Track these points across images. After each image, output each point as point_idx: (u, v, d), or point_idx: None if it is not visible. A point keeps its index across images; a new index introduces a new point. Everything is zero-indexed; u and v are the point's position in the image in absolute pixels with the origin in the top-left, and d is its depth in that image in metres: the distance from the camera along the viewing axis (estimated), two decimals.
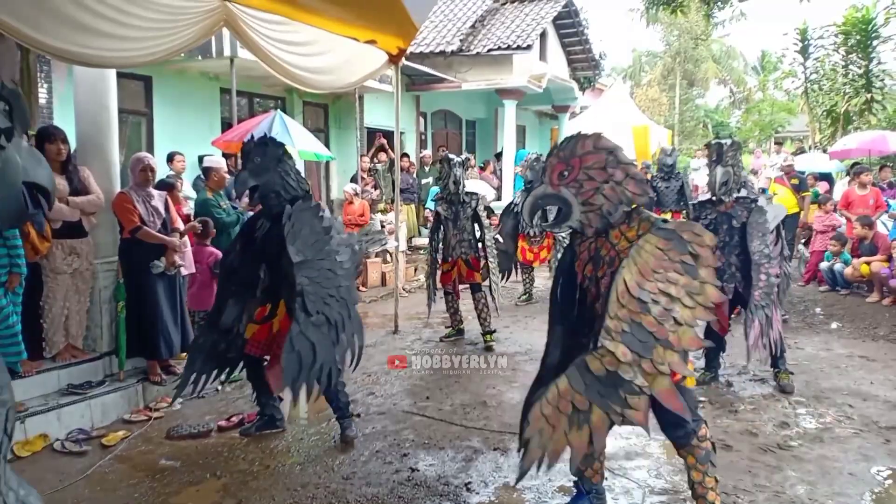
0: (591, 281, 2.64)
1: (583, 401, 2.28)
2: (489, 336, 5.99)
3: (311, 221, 3.56)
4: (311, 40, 5.24)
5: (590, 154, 2.51)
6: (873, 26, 18.96)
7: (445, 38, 13.95)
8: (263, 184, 3.64)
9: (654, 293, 2.29)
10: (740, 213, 4.61)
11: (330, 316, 3.49)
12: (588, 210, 2.52)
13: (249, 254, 3.85)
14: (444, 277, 6.07)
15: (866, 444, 3.88)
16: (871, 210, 8.59)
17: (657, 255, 2.33)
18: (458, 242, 5.93)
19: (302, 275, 3.43)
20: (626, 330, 2.27)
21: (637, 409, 2.27)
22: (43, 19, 3.43)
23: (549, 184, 2.57)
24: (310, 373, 3.42)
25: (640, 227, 2.50)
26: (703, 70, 35.69)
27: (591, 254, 2.62)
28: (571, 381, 2.30)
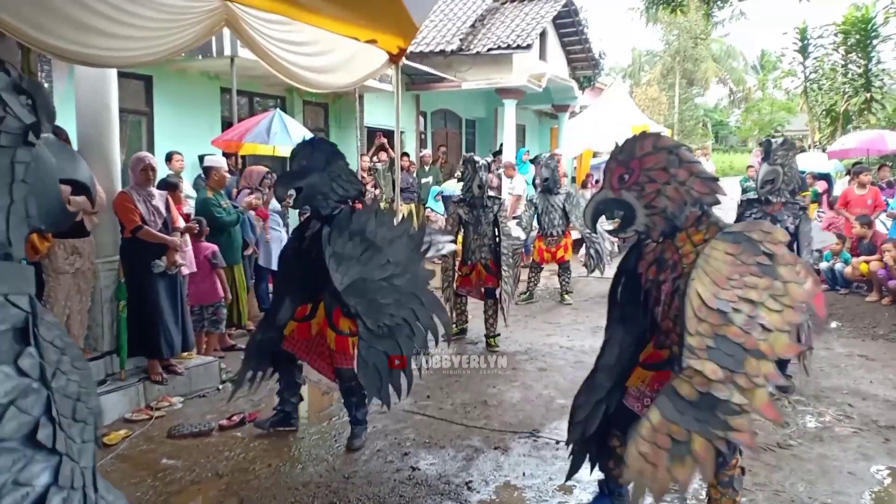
0: (652, 284, 2.57)
1: (681, 431, 2.10)
2: (493, 340, 5.97)
3: (353, 235, 3.49)
4: (311, 40, 5.24)
5: (649, 155, 2.42)
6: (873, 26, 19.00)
7: (445, 38, 13.95)
8: (307, 185, 3.61)
9: (733, 301, 2.14)
10: (786, 218, 4.50)
11: (393, 322, 3.52)
12: (652, 213, 2.42)
13: (302, 254, 3.81)
14: (464, 281, 6.03)
15: (866, 443, 3.89)
16: (869, 209, 8.61)
17: (728, 261, 2.19)
18: (479, 247, 5.91)
19: (353, 298, 3.44)
20: (712, 345, 2.12)
21: (741, 430, 2.09)
22: (44, 18, 3.42)
23: (610, 188, 2.49)
24: (391, 377, 3.52)
25: (709, 231, 2.38)
26: (702, 69, 35.75)
27: (656, 255, 2.54)
28: (664, 411, 2.14)
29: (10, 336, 1.35)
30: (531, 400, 4.66)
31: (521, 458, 3.70)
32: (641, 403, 2.66)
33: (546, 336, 6.44)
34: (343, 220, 3.56)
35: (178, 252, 4.77)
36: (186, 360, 4.95)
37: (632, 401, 2.70)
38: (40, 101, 1.50)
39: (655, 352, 2.70)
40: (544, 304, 7.96)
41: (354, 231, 3.52)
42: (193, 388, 4.82)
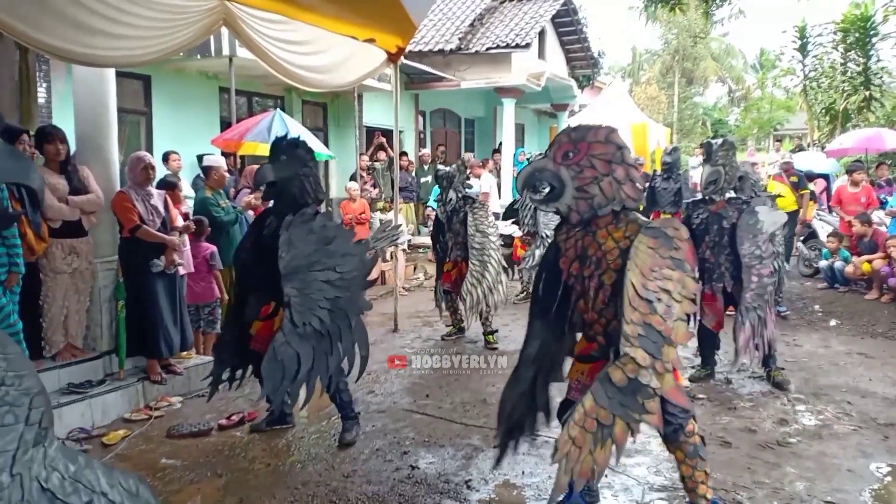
0: (576, 279, 2.66)
1: (607, 415, 2.26)
2: (491, 336, 5.97)
3: (310, 232, 3.53)
4: (309, 39, 5.24)
5: (599, 143, 2.51)
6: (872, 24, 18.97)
7: (444, 37, 13.95)
8: (281, 181, 3.63)
9: (656, 291, 2.31)
10: (731, 214, 4.62)
11: (321, 327, 3.47)
12: (580, 197, 2.52)
13: (260, 250, 3.81)
14: (445, 277, 6.07)
15: (865, 441, 3.89)
16: (862, 207, 8.62)
17: (650, 254, 2.36)
18: (454, 245, 5.95)
19: (290, 286, 3.42)
20: (641, 333, 2.28)
21: (653, 413, 2.27)
22: (42, 18, 3.43)
23: (552, 159, 2.56)
24: (293, 382, 3.41)
25: (629, 228, 2.52)
26: (701, 68, 35.73)
27: (578, 252, 2.63)
28: (596, 396, 2.28)
29: None
30: None
31: (520, 457, 3.69)
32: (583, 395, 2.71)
33: None
34: (308, 215, 3.59)
35: (177, 251, 4.76)
36: (185, 360, 4.96)
37: (575, 394, 2.76)
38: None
39: (587, 345, 2.79)
40: None
41: (313, 229, 3.55)
42: (192, 387, 4.82)
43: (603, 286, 2.57)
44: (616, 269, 2.51)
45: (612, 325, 2.63)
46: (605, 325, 2.65)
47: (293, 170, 3.65)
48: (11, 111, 5.40)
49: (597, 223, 2.57)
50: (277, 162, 3.64)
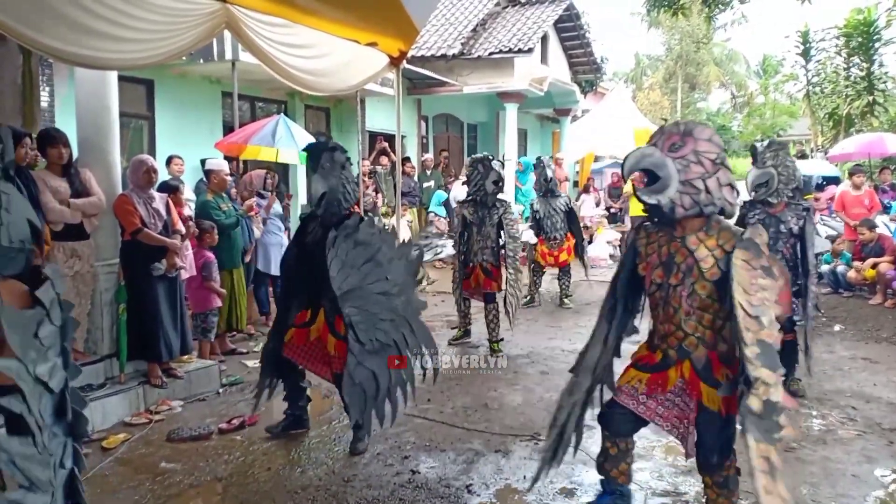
0: (660, 287, 2.57)
1: (766, 449, 2.15)
2: (496, 345, 5.88)
3: (358, 244, 3.47)
4: (312, 43, 5.24)
5: (706, 141, 2.43)
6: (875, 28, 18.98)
7: (447, 42, 13.96)
8: (329, 189, 3.58)
9: (760, 305, 2.23)
10: (790, 219, 4.47)
11: (385, 340, 3.45)
12: (685, 191, 2.40)
13: (303, 257, 3.78)
14: (464, 284, 5.93)
15: (869, 446, 3.86)
16: (866, 210, 8.60)
17: (747, 268, 2.27)
18: (481, 249, 5.79)
19: (349, 305, 3.38)
20: (759, 351, 2.19)
21: (786, 426, 2.17)
22: (44, 21, 3.42)
23: (661, 148, 2.45)
24: (376, 401, 3.42)
25: (721, 237, 2.43)
26: (704, 73, 35.76)
27: (663, 258, 2.54)
28: (754, 434, 2.15)
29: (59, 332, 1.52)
30: (532, 403, 4.64)
31: (521, 462, 3.68)
32: (636, 401, 2.68)
33: (548, 339, 6.42)
34: (351, 227, 3.52)
35: (178, 255, 4.75)
36: (186, 364, 4.94)
37: (625, 398, 2.70)
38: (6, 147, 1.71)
39: (649, 354, 2.72)
40: (546, 308, 7.93)
41: (360, 240, 3.49)
42: (193, 391, 4.80)
43: (693, 295, 2.47)
44: (710, 280, 2.42)
45: (688, 339, 2.54)
46: (681, 338, 2.56)
47: (336, 175, 3.60)
48: (14, 114, 5.41)
49: (685, 227, 2.47)
50: (322, 171, 3.57)
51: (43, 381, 1.40)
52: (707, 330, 2.51)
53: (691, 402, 2.58)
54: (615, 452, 2.83)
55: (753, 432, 2.15)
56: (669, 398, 2.62)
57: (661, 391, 2.63)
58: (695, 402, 2.56)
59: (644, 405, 2.66)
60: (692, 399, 2.57)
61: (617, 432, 2.81)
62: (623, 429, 2.79)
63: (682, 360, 2.58)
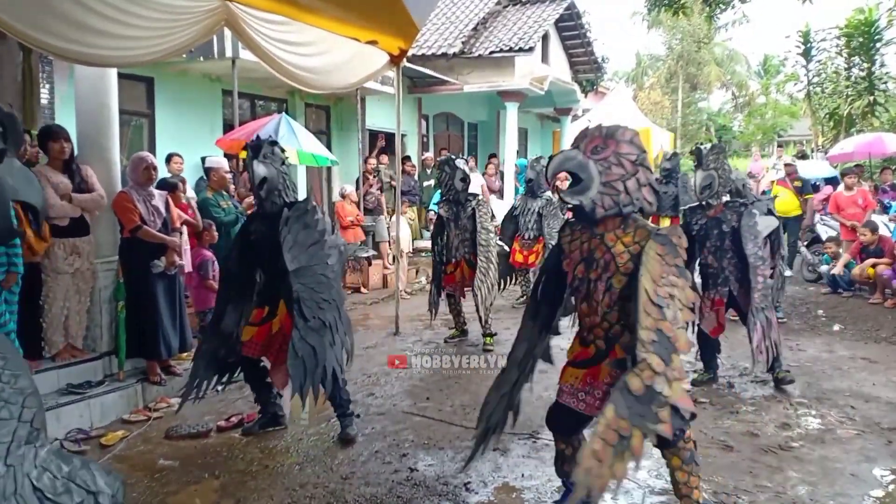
0: (581, 282, 2.65)
1: (627, 427, 2.17)
2: (489, 339, 5.96)
3: (307, 226, 3.62)
4: (312, 40, 5.24)
5: (627, 144, 2.50)
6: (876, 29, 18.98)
7: (447, 41, 13.95)
8: (270, 178, 3.69)
9: (665, 297, 2.29)
10: (730, 218, 4.61)
11: (325, 319, 3.56)
12: (606, 192, 2.48)
13: (246, 257, 3.88)
14: (448, 279, 6.03)
15: (868, 446, 3.86)
16: (861, 210, 8.60)
17: (659, 261, 2.35)
18: (461, 242, 5.91)
19: (298, 282, 3.51)
20: (655, 339, 2.25)
21: (665, 422, 2.18)
22: (44, 19, 3.43)
23: (583, 151, 2.53)
24: (314, 376, 3.49)
25: (637, 234, 2.51)
26: (705, 73, 35.69)
27: (584, 255, 2.62)
28: (617, 407, 2.19)
29: None
30: (530, 401, 4.57)
31: (520, 460, 3.68)
32: (576, 399, 2.73)
33: None
34: (302, 209, 3.67)
35: (177, 252, 4.76)
36: (185, 362, 4.94)
37: (566, 398, 2.76)
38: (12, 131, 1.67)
39: (582, 349, 2.78)
40: None
41: (308, 223, 3.64)
42: None
43: (611, 289, 2.56)
44: (626, 273, 2.50)
45: (613, 329, 2.62)
46: (607, 329, 2.64)
47: (276, 167, 3.72)
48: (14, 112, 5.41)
49: (605, 225, 2.55)
50: (263, 158, 3.69)
51: None
52: (629, 316, 2.56)
53: None
54: (570, 452, 2.86)
55: (618, 406, 2.19)
56: (605, 389, 2.66)
57: (596, 383, 2.69)
58: None
59: (584, 402, 2.71)
60: None
61: (564, 431, 2.87)
62: (568, 428, 2.85)
63: (611, 348, 2.65)
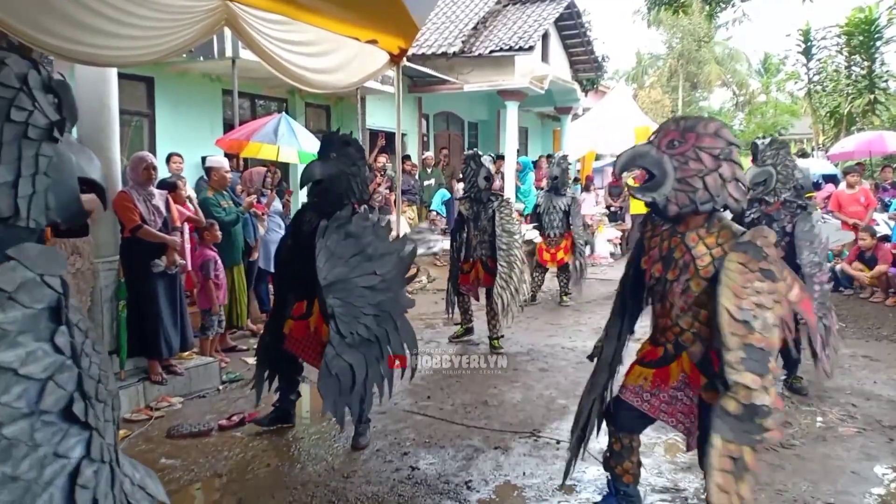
0: (658, 281, 2.56)
1: (737, 449, 2.17)
2: (496, 342, 5.90)
3: (350, 235, 3.47)
4: (312, 40, 5.23)
5: (709, 136, 2.39)
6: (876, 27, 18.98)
7: (447, 40, 13.94)
8: (328, 179, 3.58)
9: (751, 309, 2.21)
10: (783, 217, 4.44)
11: (368, 334, 3.43)
12: (681, 189, 2.38)
13: (298, 247, 3.77)
14: (463, 278, 5.97)
15: (869, 443, 3.86)
16: (862, 208, 8.58)
17: (742, 271, 2.25)
18: (479, 243, 5.83)
19: (332, 297, 3.38)
20: (744, 356, 2.18)
21: (772, 429, 2.18)
22: (44, 18, 3.42)
23: (657, 146, 2.44)
24: (350, 395, 3.40)
25: (721, 236, 2.40)
26: (705, 72, 35.67)
27: (663, 253, 2.52)
28: (723, 433, 2.18)
29: (45, 315, 1.42)
30: (532, 400, 4.64)
31: (521, 458, 3.68)
32: (640, 399, 2.68)
33: (548, 337, 6.42)
34: (343, 218, 3.51)
35: (178, 252, 4.76)
36: (186, 361, 4.94)
37: (630, 396, 2.71)
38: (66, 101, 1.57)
39: (652, 349, 2.71)
40: (546, 306, 7.94)
41: (351, 232, 3.49)
42: (193, 388, 4.81)
43: (687, 291, 2.46)
44: (706, 278, 2.40)
45: (684, 335, 2.54)
46: (678, 333, 2.56)
47: (340, 168, 3.59)
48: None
49: (687, 224, 2.46)
50: (326, 159, 3.58)
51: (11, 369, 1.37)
52: (703, 326, 2.49)
53: (695, 396, 2.58)
54: (619, 448, 2.84)
55: (722, 432, 2.18)
56: (673, 393, 2.62)
57: (664, 387, 2.63)
58: (697, 397, 2.56)
59: (648, 402, 2.67)
60: (695, 393, 2.57)
61: (622, 428, 2.82)
62: (628, 425, 2.80)
63: (679, 354, 2.58)
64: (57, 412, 1.39)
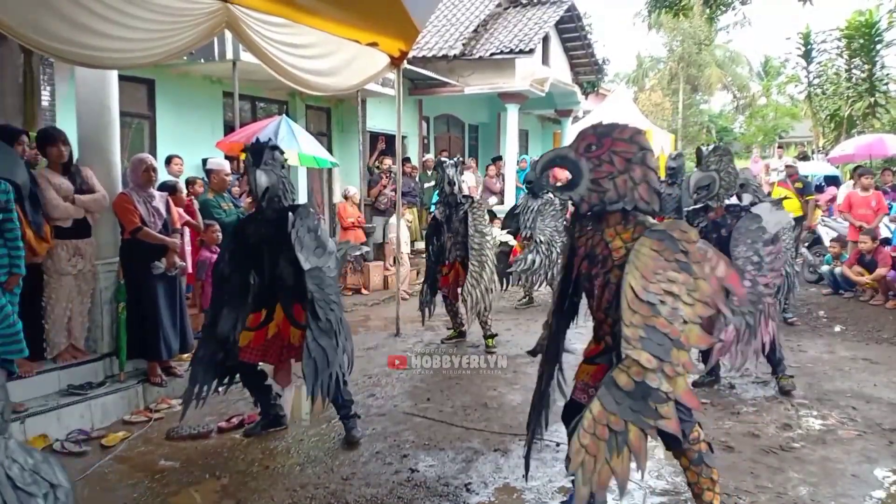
0: (585, 277, 2.65)
1: (618, 421, 2.19)
2: (490, 340, 5.96)
3: (310, 229, 3.64)
4: (312, 42, 5.25)
5: (622, 141, 2.49)
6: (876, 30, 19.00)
7: (448, 43, 13.96)
8: (272, 185, 3.69)
9: (659, 294, 2.26)
10: (730, 222, 4.45)
11: (333, 321, 3.58)
12: (593, 189, 2.50)
13: (239, 260, 3.87)
14: (443, 280, 6.05)
15: (869, 446, 3.85)
16: (872, 212, 8.56)
17: (653, 257, 2.31)
18: (454, 245, 5.91)
19: (312, 282, 3.52)
20: (644, 335, 2.23)
21: (668, 418, 2.19)
22: (45, 21, 3.44)
23: (575, 150, 2.56)
24: (325, 378, 3.52)
25: (636, 230, 2.49)
26: (706, 75, 35.66)
27: (587, 251, 2.62)
28: (604, 402, 2.21)
29: None
30: (530, 401, 4.62)
31: (520, 461, 3.65)
32: (587, 395, 2.73)
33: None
34: (304, 213, 3.68)
35: (178, 253, 4.76)
36: (185, 363, 4.94)
37: (578, 394, 2.80)
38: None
39: (595, 346, 2.80)
40: (544, 308, 7.89)
41: (311, 227, 3.67)
42: None
43: (608, 285, 2.55)
44: (620, 266, 2.47)
45: (618, 325, 2.56)
46: (612, 325, 2.62)
47: (277, 173, 3.72)
48: (15, 114, 5.42)
49: (607, 221, 2.55)
50: (265, 166, 3.67)
51: None
52: None
53: None
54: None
55: (605, 400, 2.21)
56: None
57: None
58: None
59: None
60: None
61: None
62: None
63: (617, 346, 2.60)
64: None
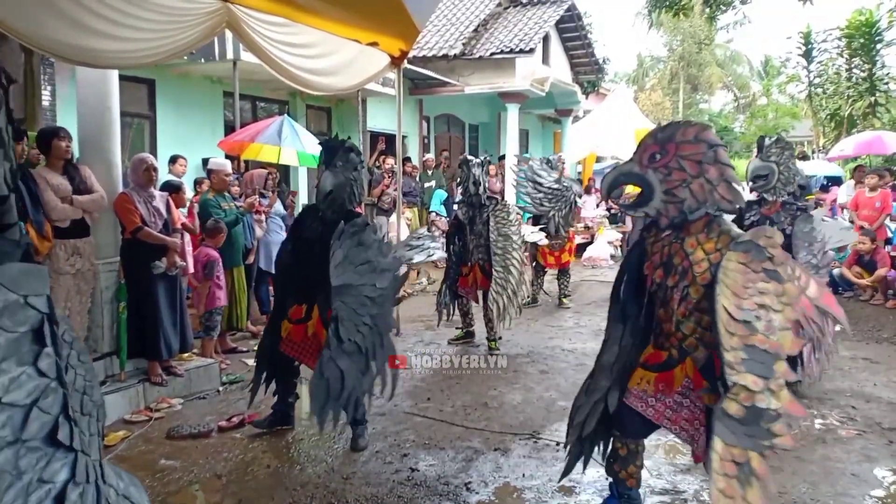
0: (659, 287, 2.55)
1: (741, 453, 2.10)
2: (493, 343, 5.92)
3: (362, 243, 3.50)
4: (313, 42, 5.25)
5: (689, 143, 2.36)
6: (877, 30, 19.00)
7: (448, 42, 13.97)
8: (336, 187, 3.63)
9: (753, 309, 2.15)
10: (783, 219, 4.38)
11: (361, 344, 3.45)
12: (669, 200, 2.38)
13: (299, 252, 3.83)
14: (462, 281, 5.98)
15: (869, 446, 3.86)
16: (877, 213, 8.56)
17: (742, 270, 2.19)
18: (476, 247, 5.82)
19: (339, 300, 3.41)
20: (745, 357, 2.12)
21: (782, 434, 2.09)
22: (45, 20, 3.44)
23: (638, 163, 2.43)
24: (337, 402, 3.41)
25: (720, 240, 2.37)
26: (706, 74, 35.70)
27: (663, 259, 2.51)
28: (724, 437, 2.12)
29: (29, 337, 1.37)
30: (532, 402, 4.64)
31: (521, 460, 3.68)
32: (645, 404, 2.65)
33: (548, 339, 6.42)
34: (358, 225, 3.55)
35: (178, 253, 4.76)
36: (186, 362, 4.95)
37: (634, 400, 2.68)
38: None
39: (656, 352, 2.69)
40: (546, 308, 7.94)
41: (363, 241, 3.52)
42: (193, 389, 4.81)
43: (686, 298, 2.44)
44: (704, 284, 2.37)
45: (687, 341, 2.52)
46: (681, 339, 2.54)
47: (346, 175, 3.64)
48: (17, 113, 5.43)
49: (687, 229, 2.44)
50: (334, 168, 3.61)
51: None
52: (706, 331, 2.46)
53: (700, 401, 2.54)
54: (625, 453, 2.83)
55: (723, 435, 2.12)
56: (678, 399, 2.58)
57: (668, 392, 2.59)
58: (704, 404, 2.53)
59: (653, 408, 2.63)
60: (698, 398, 2.55)
61: (627, 434, 2.80)
62: (633, 431, 2.78)
63: (683, 359, 2.56)
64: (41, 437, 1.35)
